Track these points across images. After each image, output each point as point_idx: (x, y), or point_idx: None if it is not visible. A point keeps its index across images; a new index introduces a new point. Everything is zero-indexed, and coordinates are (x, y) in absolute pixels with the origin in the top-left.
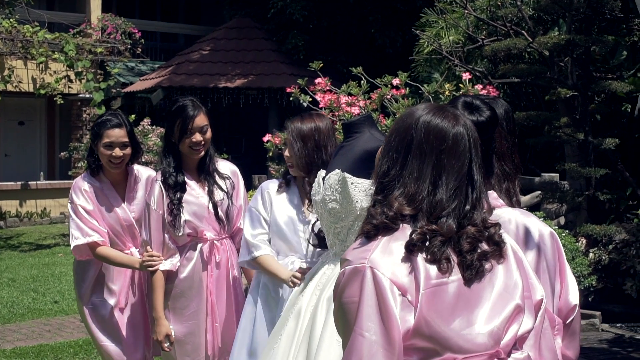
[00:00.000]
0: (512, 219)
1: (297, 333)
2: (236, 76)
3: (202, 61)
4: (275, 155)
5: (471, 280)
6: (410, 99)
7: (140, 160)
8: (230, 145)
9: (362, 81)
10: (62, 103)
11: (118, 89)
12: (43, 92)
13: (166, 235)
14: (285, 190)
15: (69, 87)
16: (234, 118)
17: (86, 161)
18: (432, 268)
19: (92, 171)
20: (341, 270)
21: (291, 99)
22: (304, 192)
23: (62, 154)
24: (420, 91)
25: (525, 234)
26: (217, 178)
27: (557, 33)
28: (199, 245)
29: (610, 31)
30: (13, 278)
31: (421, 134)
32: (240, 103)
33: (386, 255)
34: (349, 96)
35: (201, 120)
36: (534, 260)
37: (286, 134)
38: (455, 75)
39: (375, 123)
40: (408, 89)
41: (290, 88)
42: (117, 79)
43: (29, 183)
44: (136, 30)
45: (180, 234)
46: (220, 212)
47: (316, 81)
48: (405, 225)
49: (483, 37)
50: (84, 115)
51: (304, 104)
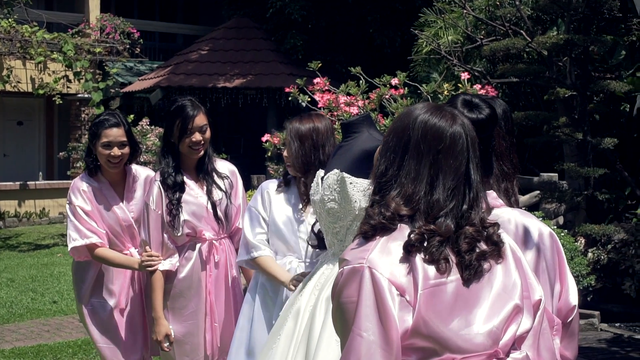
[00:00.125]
0: (512, 219)
1: (296, 333)
2: (235, 76)
3: (201, 61)
4: (274, 155)
5: (470, 280)
6: (408, 98)
7: (138, 160)
8: (229, 145)
9: (361, 81)
10: (61, 103)
11: (117, 89)
12: (42, 92)
13: (165, 235)
14: (284, 190)
15: (68, 87)
16: (233, 118)
17: (84, 161)
18: (431, 268)
19: (91, 171)
20: (339, 270)
21: (290, 98)
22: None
23: (61, 154)
24: (418, 91)
25: (525, 234)
26: (216, 178)
27: (556, 33)
28: (198, 245)
29: (609, 31)
30: (12, 278)
31: (418, 134)
32: (239, 103)
33: (384, 255)
34: (348, 96)
35: (201, 119)
36: (534, 260)
37: (285, 134)
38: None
39: (374, 123)
40: (407, 88)
41: (289, 88)
42: (116, 79)
43: (28, 183)
44: (135, 30)
45: (179, 234)
46: (219, 212)
47: (315, 81)
48: (403, 225)
49: (482, 37)
50: (83, 115)
51: (303, 104)
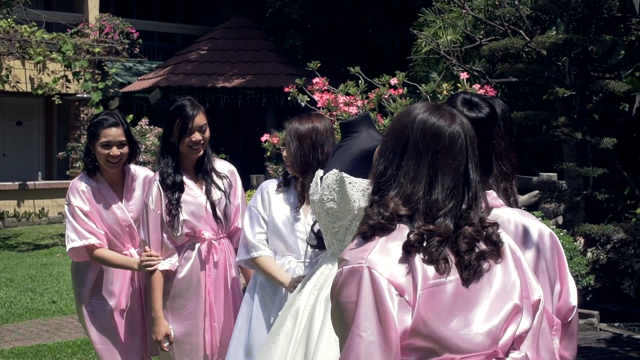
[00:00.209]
0: (511, 219)
1: (295, 333)
2: (234, 76)
3: (200, 61)
4: (273, 155)
5: (469, 280)
6: (408, 98)
7: (137, 160)
8: (228, 145)
9: (360, 81)
10: (60, 103)
11: (116, 89)
12: (41, 92)
13: (164, 235)
14: (284, 190)
15: (67, 87)
16: (232, 118)
17: (83, 161)
18: (430, 268)
19: (89, 171)
20: (339, 270)
21: (289, 98)
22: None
23: (60, 154)
24: (418, 91)
25: (525, 234)
26: (215, 177)
27: (555, 32)
28: (197, 245)
29: (608, 31)
30: (11, 278)
31: (417, 133)
32: (238, 103)
33: (384, 255)
34: (347, 96)
35: (200, 119)
36: (533, 260)
37: (284, 134)
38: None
39: (373, 123)
40: (406, 88)
41: (288, 88)
42: (115, 78)
43: (27, 183)
44: (134, 30)
45: (178, 234)
46: (218, 212)
47: (314, 81)
48: (402, 225)
49: (481, 37)
50: (82, 115)
51: (302, 104)
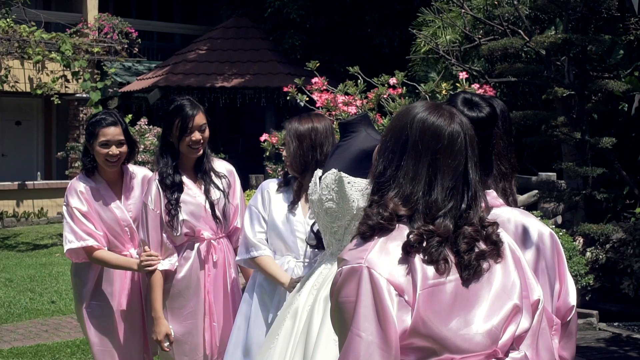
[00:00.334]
0: (511, 219)
1: (294, 333)
2: (233, 76)
3: (199, 61)
4: (272, 155)
5: (469, 280)
6: (407, 98)
7: (136, 159)
8: (227, 145)
9: (359, 80)
10: (59, 103)
11: (115, 89)
12: (40, 92)
13: (164, 235)
14: (284, 189)
15: (66, 87)
16: (231, 118)
17: (81, 161)
18: (430, 268)
19: (88, 171)
20: (338, 270)
21: (288, 98)
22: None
23: (59, 153)
24: (417, 90)
25: (525, 233)
26: (214, 177)
27: (554, 32)
28: (196, 245)
29: (607, 30)
30: (10, 278)
31: (416, 133)
32: (237, 103)
33: (383, 255)
34: (346, 95)
35: (200, 119)
36: (533, 260)
37: (284, 133)
38: (452, 75)
39: (372, 122)
40: (405, 88)
41: (287, 87)
42: (114, 78)
43: (26, 183)
44: (133, 30)
45: (177, 234)
46: (217, 212)
47: (313, 81)
48: (402, 225)
49: (480, 37)
50: (81, 115)
51: (301, 104)
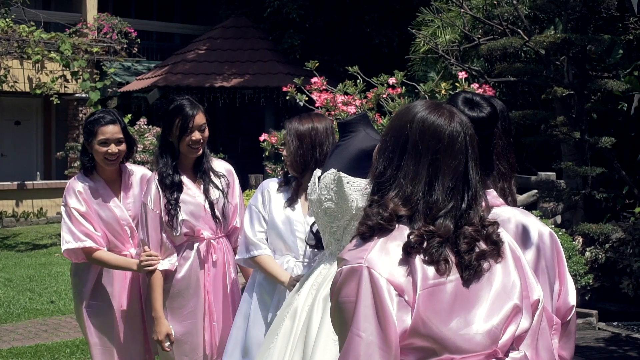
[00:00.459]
0: (512, 218)
1: (293, 333)
2: (232, 75)
3: (198, 60)
4: (271, 155)
5: (469, 281)
6: (406, 98)
7: (135, 159)
8: (227, 145)
9: (358, 80)
10: (59, 103)
11: (114, 89)
12: (39, 92)
13: (164, 235)
14: (284, 189)
15: (65, 87)
16: (230, 117)
17: (80, 160)
18: (430, 268)
19: (86, 170)
20: (338, 270)
21: (287, 98)
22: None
23: (59, 153)
24: (416, 90)
25: (525, 233)
26: (213, 177)
27: (553, 32)
28: (196, 245)
29: (606, 30)
30: (9, 278)
31: (416, 133)
32: (237, 102)
33: (383, 255)
34: (345, 95)
35: (200, 118)
36: (533, 260)
37: (285, 133)
38: (451, 74)
39: (371, 122)
40: (404, 88)
41: (287, 87)
42: (113, 78)
43: (26, 183)
44: (132, 30)
45: (177, 233)
46: (216, 211)
47: (312, 80)
48: (402, 225)
49: (479, 36)
50: (80, 115)
51: (300, 103)
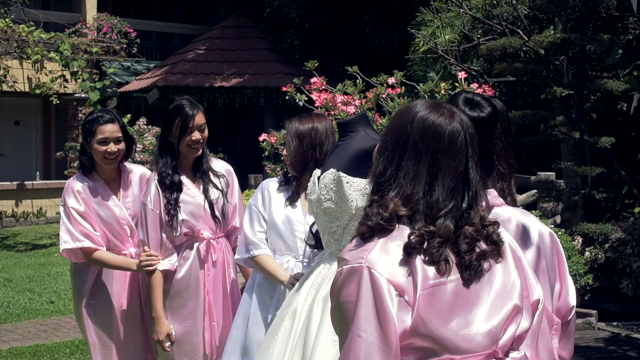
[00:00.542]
0: (512, 218)
1: (293, 333)
2: (232, 75)
3: (198, 60)
4: (271, 155)
5: (470, 281)
6: (406, 98)
7: (135, 159)
8: (227, 145)
9: (358, 80)
10: (58, 103)
11: (114, 89)
12: (39, 92)
13: (163, 235)
14: (284, 189)
15: (65, 87)
16: (230, 117)
17: (79, 160)
18: (430, 269)
19: (85, 170)
20: (338, 270)
21: (287, 98)
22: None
23: (58, 153)
24: (416, 90)
25: (525, 233)
26: (212, 177)
27: (553, 32)
28: (196, 245)
29: (606, 30)
30: (9, 278)
31: (416, 132)
32: (236, 102)
33: (384, 255)
34: (345, 95)
35: (200, 118)
36: (534, 260)
37: (285, 133)
38: (451, 74)
39: (371, 122)
40: (404, 87)
41: (286, 87)
42: (113, 78)
43: (25, 183)
44: (132, 30)
45: (177, 233)
46: (216, 211)
47: (312, 80)
48: (402, 225)
49: (479, 36)
50: (80, 115)
51: (300, 103)
